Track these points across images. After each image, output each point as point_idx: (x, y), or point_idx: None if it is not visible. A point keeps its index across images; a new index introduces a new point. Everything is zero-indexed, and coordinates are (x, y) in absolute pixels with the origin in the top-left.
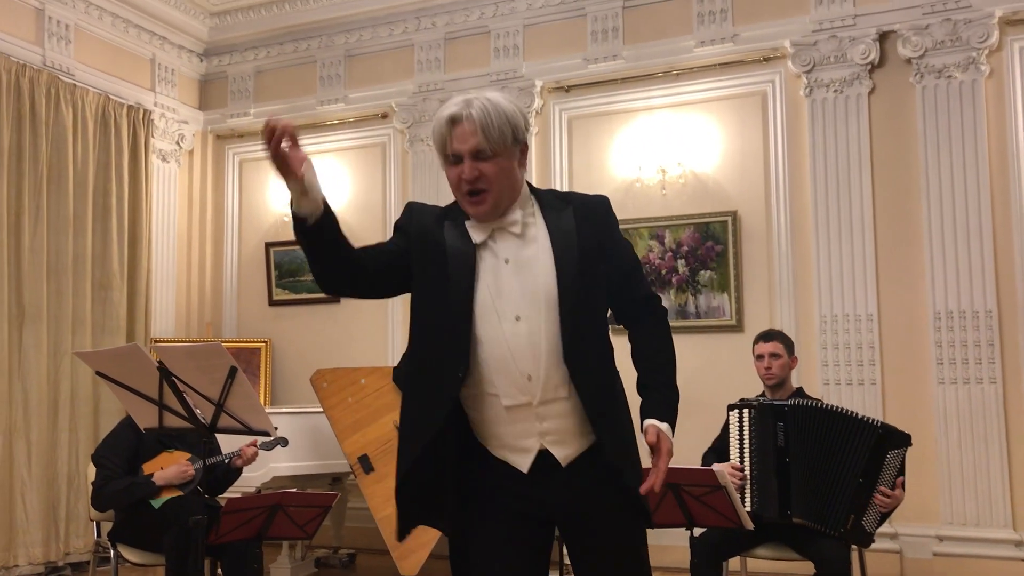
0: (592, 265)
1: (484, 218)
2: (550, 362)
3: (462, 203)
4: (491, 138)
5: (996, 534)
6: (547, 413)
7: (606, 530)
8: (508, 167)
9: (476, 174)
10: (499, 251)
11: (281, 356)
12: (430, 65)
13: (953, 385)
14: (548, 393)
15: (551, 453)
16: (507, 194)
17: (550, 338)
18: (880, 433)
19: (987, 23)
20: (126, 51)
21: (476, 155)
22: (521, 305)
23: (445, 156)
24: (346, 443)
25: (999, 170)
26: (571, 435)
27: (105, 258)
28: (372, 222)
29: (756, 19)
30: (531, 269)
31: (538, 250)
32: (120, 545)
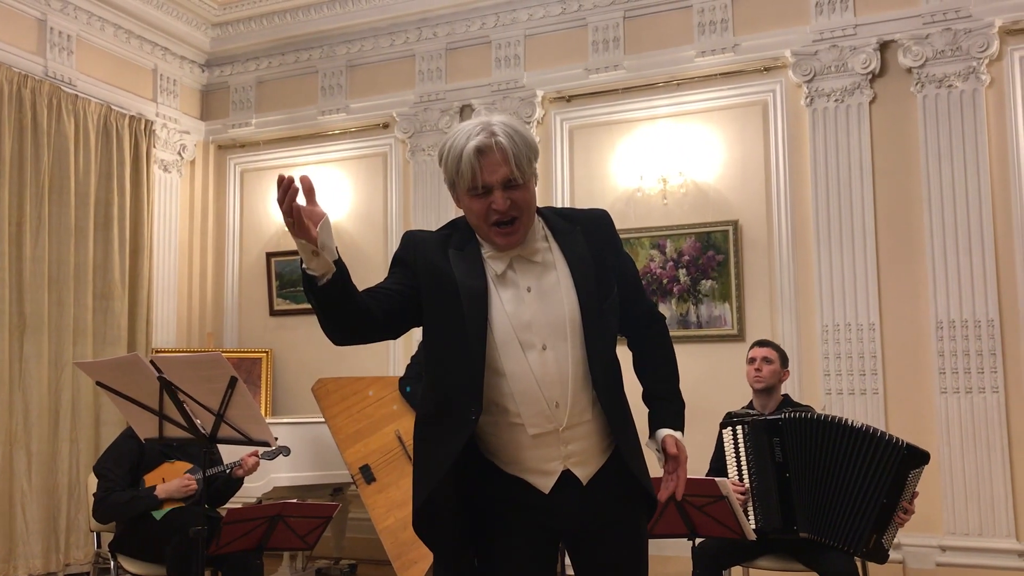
0: (608, 288)
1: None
2: (576, 388)
3: (489, 234)
4: (521, 167)
5: (999, 544)
6: (572, 437)
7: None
8: (533, 194)
9: (509, 204)
10: (519, 280)
11: (282, 366)
12: (431, 75)
13: (955, 394)
14: (574, 418)
15: (573, 473)
16: (530, 223)
17: (576, 364)
18: (905, 454)
19: (987, 33)
20: (128, 62)
21: (507, 184)
22: (546, 334)
23: (472, 188)
24: (347, 452)
25: (1000, 179)
26: (593, 455)
27: (106, 268)
28: (373, 232)
29: (757, 29)
30: (554, 296)
31: (558, 277)
32: (120, 556)
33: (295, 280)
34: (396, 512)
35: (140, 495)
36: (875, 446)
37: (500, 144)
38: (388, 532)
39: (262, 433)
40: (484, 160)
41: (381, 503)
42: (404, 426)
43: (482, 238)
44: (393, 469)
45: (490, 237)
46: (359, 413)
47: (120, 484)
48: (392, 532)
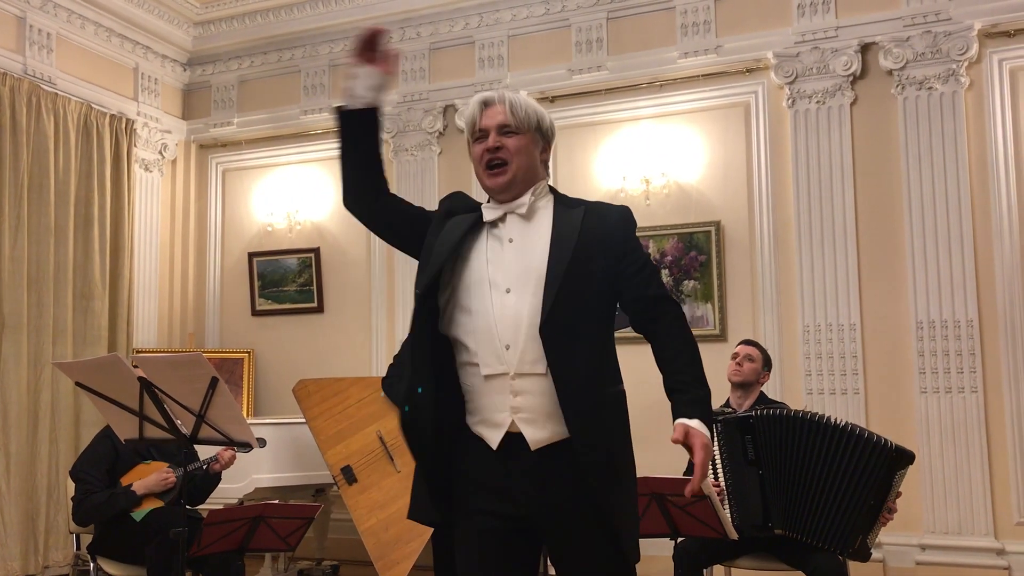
0: (586, 260)
1: (499, 194)
2: (529, 335)
3: (482, 178)
4: (517, 116)
5: (977, 542)
6: (521, 387)
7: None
8: (528, 147)
9: (499, 144)
10: (504, 232)
11: (264, 367)
12: (415, 75)
13: (935, 394)
14: (524, 367)
15: (522, 436)
16: (523, 175)
17: (532, 312)
18: (894, 455)
19: (967, 36)
20: (109, 60)
21: (501, 129)
22: (512, 280)
23: (472, 134)
24: (328, 453)
25: (979, 181)
26: (543, 417)
27: (87, 268)
28: (356, 232)
29: (739, 30)
30: (529, 249)
31: (540, 235)
32: (100, 558)
33: (277, 280)
34: (378, 513)
35: (118, 493)
36: (861, 446)
37: (502, 96)
38: (370, 533)
39: (243, 434)
40: (486, 109)
41: (363, 504)
42: (386, 427)
43: (482, 187)
44: (375, 470)
45: (484, 181)
46: (340, 414)
47: (97, 486)
48: (374, 533)
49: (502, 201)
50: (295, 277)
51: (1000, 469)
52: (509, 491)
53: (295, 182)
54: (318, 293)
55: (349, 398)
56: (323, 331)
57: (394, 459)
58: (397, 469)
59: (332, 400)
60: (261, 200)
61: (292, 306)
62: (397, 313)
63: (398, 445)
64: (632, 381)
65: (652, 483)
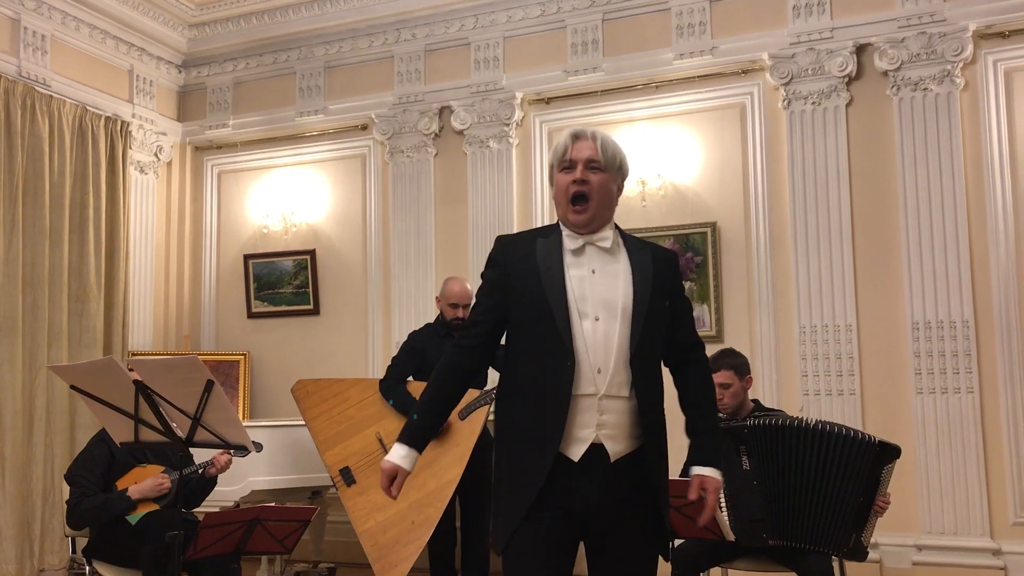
0: (660, 298)
1: (580, 228)
2: (618, 361)
3: (565, 212)
4: (605, 154)
5: (974, 543)
6: (608, 407)
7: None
8: (609, 186)
9: (585, 178)
10: (586, 262)
11: (260, 369)
12: (410, 77)
13: (931, 395)
14: (612, 389)
15: (603, 448)
16: (602, 212)
17: (622, 340)
18: (878, 451)
19: (962, 36)
20: (104, 62)
21: (589, 163)
22: (599, 309)
23: (560, 163)
24: (327, 454)
25: (975, 182)
26: (622, 433)
27: (82, 270)
28: (352, 234)
29: (735, 32)
30: (613, 281)
31: (621, 268)
32: (96, 561)
33: (272, 282)
34: (376, 515)
35: (113, 498)
36: (847, 446)
37: (592, 134)
38: (368, 535)
39: (239, 437)
40: (576, 142)
41: (361, 505)
42: (385, 428)
43: (562, 219)
44: (373, 472)
45: (566, 215)
46: (340, 415)
47: (92, 489)
48: (372, 535)
49: (581, 233)
50: (291, 279)
51: (996, 469)
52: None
53: (291, 184)
54: (314, 295)
55: (348, 399)
56: (319, 333)
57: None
58: None
59: (331, 401)
60: (256, 202)
61: (288, 308)
62: (393, 315)
63: None
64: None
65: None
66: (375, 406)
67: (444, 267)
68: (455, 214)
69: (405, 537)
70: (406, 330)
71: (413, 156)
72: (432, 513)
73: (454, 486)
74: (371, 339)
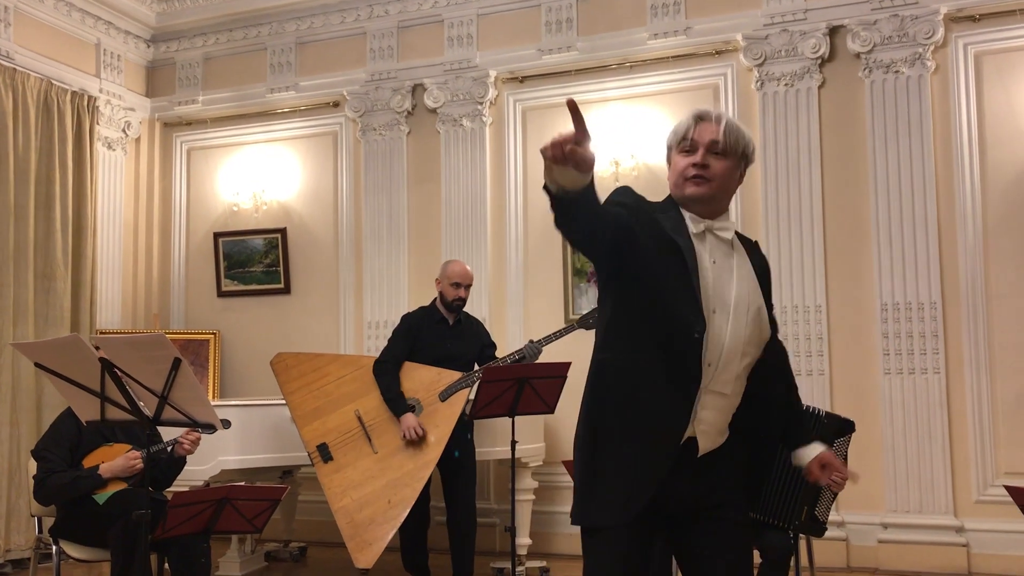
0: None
1: (694, 204)
2: (729, 357)
3: (681, 188)
4: (729, 138)
5: (938, 520)
6: (708, 403)
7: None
8: (732, 172)
9: (707, 161)
10: (707, 251)
11: (230, 348)
12: (383, 53)
13: (899, 375)
14: (717, 385)
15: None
16: (722, 197)
17: (734, 338)
18: (824, 423)
19: (933, 20)
20: (69, 35)
21: (711, 147)
22: (717, 302)
23: (679, 145)
24: (305, 430)
25: (944, 164)
26: (715, 430)
27: (48, 247)
28: (324, 212)
29: (709, 12)
30: (731, 275)
31: (737, 264)
32: (62, 541)
33: (243, 260)
34: (352, 492)
35: (82, 475)
36: None
37: (718, 116)
38: (343, 512)
39: (207, 415)
40: (700, 124)
41: (337, 483)
42: (364, 406)
43: (677, 198)
44: (351, 449)
45: (682, 188)
46: (319, 390)
47: (60, 466)
48: (347, 512)
49: (700, 215)
50: (261, 258)
51: (960, 449)
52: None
53: (261, 161)
54: (285, 274)
55: (328, 375)
56: (290, 312)
57: (372, 440)
58: (375, 450)
59: (310, 376)
60: (227, 179)
61: (258, 287)
62: (365, 295)
63: (376, 425)
64: None
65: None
66: (355, 383)
67: (417, 246)
68: (428, 193)
69: (381, 516)
70: (378, 310)
71: (385, 134)
72: (409, 494)
73: (431, 467)
74: (343, 318)
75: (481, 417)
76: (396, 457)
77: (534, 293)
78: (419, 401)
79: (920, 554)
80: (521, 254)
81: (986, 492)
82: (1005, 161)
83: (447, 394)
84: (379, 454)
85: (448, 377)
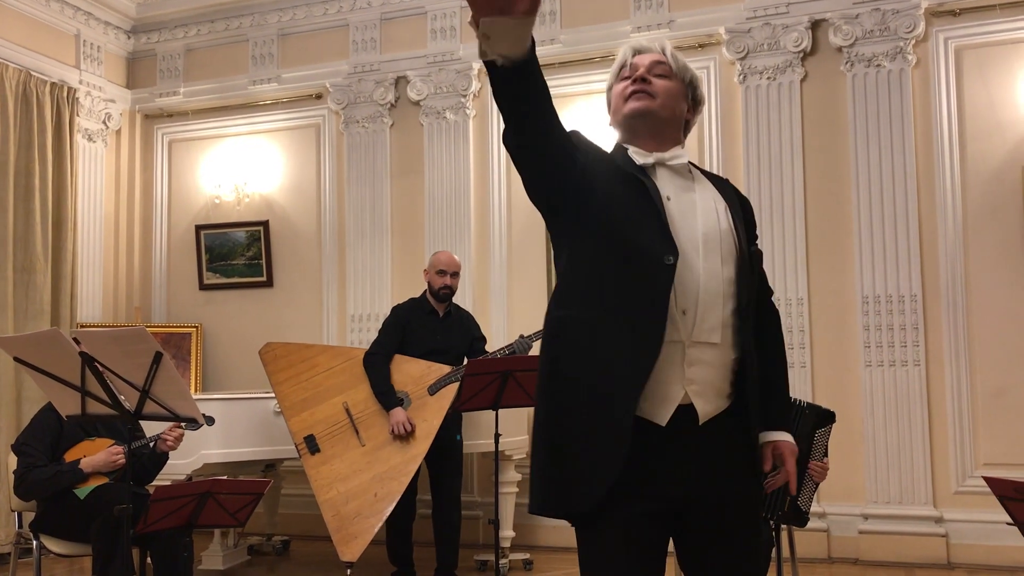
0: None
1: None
2: (707, 300)
3: (621, 111)
4: (675, 62)
5: (918, 511)
6: (696, 358)
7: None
8: (676, 95)
9: (648, 78)
10: (660, 187)
11: (212, 341)
12: (365, 46)
13: (880, 368)
14: (701, 335)
15: (692, 408)
16: (668, 122)
17: (709, 277)
18: (806, 413)
19: (914, 14)
20: (49, 26)
21: (652, 68)
22: (681, 241)
23: (620, 70)
24: (292, 420)
25: (924, 158)
26: (712, 390)
27: (28, 240)
28: (306, 205)
29: (692, 5)
30: (691, 209)
31: (699, 196)
32: (43, 536)
33: (225, 253)
34: (339, 485)
35: (64, 469)
36: None
37: (661, 44)
38: (329, 504)
39: (189, 409)
40: (640, 55)
41: (324, 475)
42: (353, 399)
43: (620, 130)
44: (339, 441)
45: (622, 111)
46: (307, 381)
47: (41, 460)
48: (333, 505)
49: (648, 149)
50: (244, 250)
51: (940, 440)
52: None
53: (243, 153)
54: (267, 267)
55: (317, 366)
56: (272, 305)
57: (359, 432)
58: (362, 443)
59: (299, 366)
60: (208, 172)
61: (241, 280)
62: (348, 288)
63: (364, 418)
64: None
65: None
66: (344, 375)
67: (400, 239)
68: (411, 186)
69: (367, 509)
70: (361, 303)
71: (368, 126)
72: (395, 487)
73: (419, 461)
74: (325, 311)
75: (465, 410)
76: (384, 450)
77: (518, 285)
78: (408, 395)
79: (900, 544)
80: (505, 247)
81: (965, 483)
82: (985, 155)
83: (436, 388)
84: (366, 447)
85: (437, 371)
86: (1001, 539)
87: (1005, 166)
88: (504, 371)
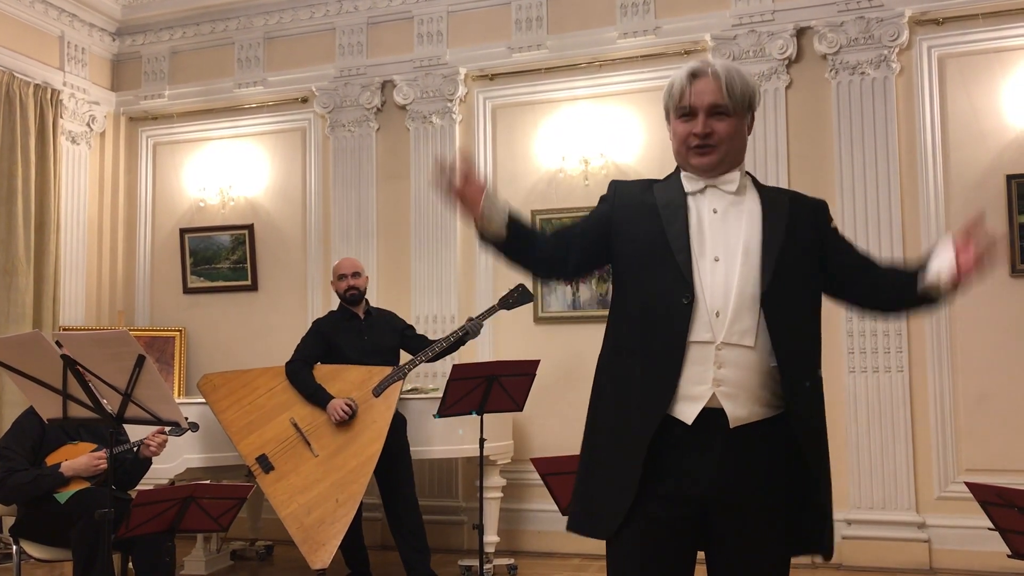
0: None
1: (704, 172)
2: (740, 303)
3: (685, 157)
4: (733, 96)
5: (901, 517)
6: (727, 359)
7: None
8: (740, 129)
9: (709, 130)
10: (707, 203)
11: (196, 345)
12: (352, 49)
13: (863, 374)
14: (733, 336)
15: (721, 409)
16: (732, 156)
17: (744, 280)
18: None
19: (898, 22)
20: (32, 27)
21: (712, 110)
22: (719, 249)
23: (677, 109)
24: (242, 444)
25: (908, 165)
26: (744, 393)
27: (10, 243)
28: (291, 209)
29: (678, 12)
30: (737, 220)
31: (747, 209)
32: (23, 541)
33: (209, 257)
34: (299, 497)
35: (44, 473)
36: None
37: (714, 71)
38: (292, 518)
39: (172, 413)
40: (695, 83)
41: (282, 490)
42: (299, 413)
43: (682, 165)
44: (291, 456)
45: (686, 158)
46: (250, 405)
47: (22, 464)
48: (296, 517)
49: (705, 177)
50: (228, 254)
51: (923, 446)
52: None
53: (228, 157)
54: (252, 271)
55: (258, 388)
56: (257, 310)
57: (311, 444)
58: (315, 453)
59: (240, 392)
60: (193, 175)
61: (225, 284)
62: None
63: (313, 430)
64: None
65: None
66: (286, 393)
67: (386, 243)
68: (397, 190)
69: (330, 516)
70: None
71: (355, 130)
72: (356, 490)
73: (375, 462)
74: (310, 316)
75: (450, 415)
76: (338, 457)
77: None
78: (354, 400)
79: (883, 550)
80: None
81: (947, 489)
82: (967, 163)
83: (380, 389)
84: (320, 456)
85: (379, 373)
86: (983, 544)
87: (988, 174)
88: (489, 375)
